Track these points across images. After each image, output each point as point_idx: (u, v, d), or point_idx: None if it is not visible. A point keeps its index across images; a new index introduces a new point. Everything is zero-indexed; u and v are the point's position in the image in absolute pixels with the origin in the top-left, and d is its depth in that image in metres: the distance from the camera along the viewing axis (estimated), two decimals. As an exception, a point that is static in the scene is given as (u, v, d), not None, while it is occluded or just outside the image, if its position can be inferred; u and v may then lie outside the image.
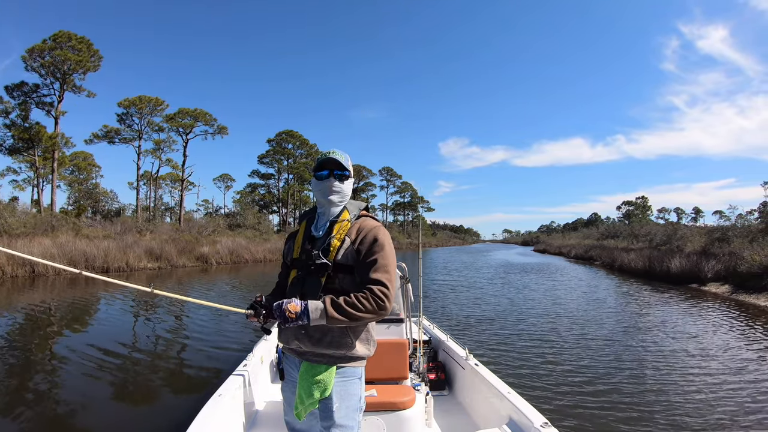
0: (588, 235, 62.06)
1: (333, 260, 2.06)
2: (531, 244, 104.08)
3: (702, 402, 5.45)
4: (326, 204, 2.19)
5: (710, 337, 9.24)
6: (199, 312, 11.79)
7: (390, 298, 1.98)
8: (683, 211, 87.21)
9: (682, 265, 20.32)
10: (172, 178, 56.08)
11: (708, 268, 18.53)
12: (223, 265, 28.31)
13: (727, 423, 4.85)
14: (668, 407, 5.26)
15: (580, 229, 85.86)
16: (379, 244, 2.06)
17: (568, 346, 8.28)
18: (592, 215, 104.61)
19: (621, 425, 4.77)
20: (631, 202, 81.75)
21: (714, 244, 22.10)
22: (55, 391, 5.94)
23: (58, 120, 33.19)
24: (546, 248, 65.86)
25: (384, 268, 2.02)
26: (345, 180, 2.20)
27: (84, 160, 49.37)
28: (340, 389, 2.05)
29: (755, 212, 32.10)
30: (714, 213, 65.51)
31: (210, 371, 6.76)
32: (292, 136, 60.50)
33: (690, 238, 26.73)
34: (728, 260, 18.02)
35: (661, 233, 31.68)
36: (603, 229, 60.16)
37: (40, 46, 31.45)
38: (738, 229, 23.80)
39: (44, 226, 24.71)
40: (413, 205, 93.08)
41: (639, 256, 26.11)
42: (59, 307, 12.40)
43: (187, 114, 43.45)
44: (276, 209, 62.85)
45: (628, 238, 40.42)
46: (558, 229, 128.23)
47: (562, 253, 51.75)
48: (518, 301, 14.05)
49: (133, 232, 30.68)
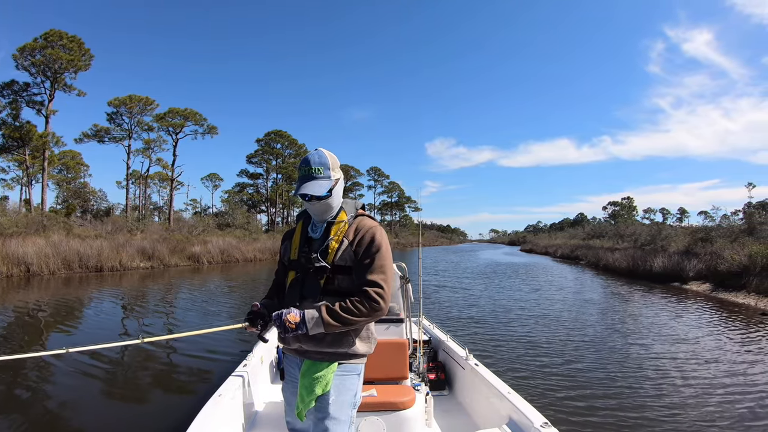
0: (574, 235, 62.23)
1: (331, 262, 2.08)
2: (518, 244, 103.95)
3: (699, 400, 5.53)
4: (317, 217, 2.20)
5: (704, 338, 9.32)
6: (192, 312, 12.01)
7: (386, 299, 2.01)
8: (669, 211, 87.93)
9: (664, 264, 20.78)
10: (161, 177, 55.92)
11: (690, 267, 18.97)
12: (215, 265, 28.43)
13: (728, 422, 4.91)
14: (667, 406, 5.32)
15: (566, 229, 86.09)
16: (375, 244, 2.08)
17: (558, 347, 8.28)
18: (578, 215, 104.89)
19: (621, 425, 4.80)
20: (617, 202, 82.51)
21: (697, 244, 22.37)
22: (49, 391, 5.87)
23: (48, 119, 33.01)
24: (532, 248, 65.95)
25: (380, 269, 2.04)
26: (329, 197, 2.12)
27: (72, 159, 48.94)
28: (338, 383, 2.08)
29: (739, 212, 32.75)
30: (699, 213, 66.43)
31: (210, 371, 6.69)
32: (280, 135, 60.54)
33: (674, 237, 27.02)
34: (709, 260, 18.42)
35: (646, 233, 31.84)
36: (589, 229, 60.34)
37: (31, 45, 31.26)
38: (721, 230, 24.15)
39: (35, 226, 24.70)
40: (400, 205, 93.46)
41: (623, 256, 26.48)
42: (54, 306, 12.45)
43: (177, 113, 43.35)
44: (264, 209, 62.86)
45: (614, 238, 40.56)
46: (545, 229, 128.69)
47: (549, 253, 52.03)
48: (505, 302, 14.01)
49: (124, 231, 30.71)
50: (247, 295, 15.37)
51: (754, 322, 10.94)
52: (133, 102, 40.45)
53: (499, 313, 11.93)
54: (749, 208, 31.33)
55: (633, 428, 4.75)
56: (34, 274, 18.56)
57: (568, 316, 11.64)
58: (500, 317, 11.39)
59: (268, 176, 61.95)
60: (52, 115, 33.25)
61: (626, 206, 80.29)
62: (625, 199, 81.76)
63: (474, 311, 12.17)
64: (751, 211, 28.60)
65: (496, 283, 20.47)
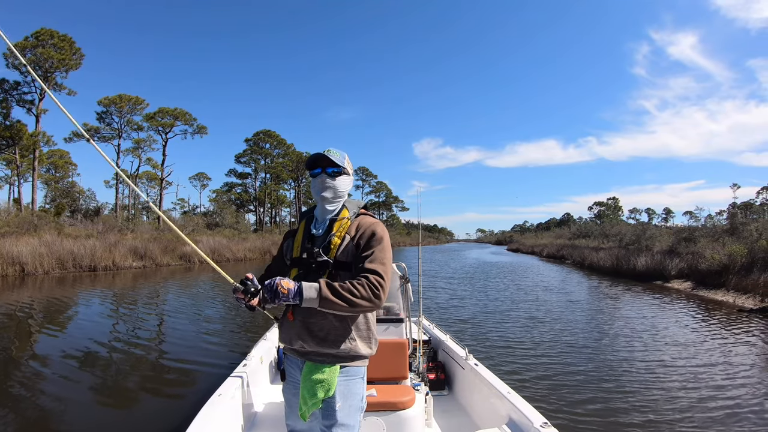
0: (560, 235, 62.77)
1: (334, 258, 2.08)
2: (504, 244, 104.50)
3: (697, 399, 5.59)
4: (320, 201, 2.20)
5: (691, 336, 9.56)
6: (193, 311, 12.30)
7: (384, 289, 1.99)
8: (654, 211, 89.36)
9: (647, 263, 21.40)
10: (149, 177, 55.72)
11: (672, 266, 19.58)
12: (206, 264, 28.46)
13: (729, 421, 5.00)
14: (666, 405, 5.38)
15: (552, 229, 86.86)
16: (376, 238, 2.08)
17: (549, 347, 8.35)
18: (564, 215, 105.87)
19: (620, 424, 4.85)
20: (603, 202, 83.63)
21: (681, 244, 22.86)
22: (49, 391, 5.81)
23: (39, 118, 32.85)
24: (519, 247, 66.77)
25: (380, 260, 2.03)
26: (337, 176, 2.18)
27: (61, 158, 48.63)
28: (343, 388, 2.05)
29: (724, 213, 33.38)
30: (684, 213, 67.56)
31: (210, 371, 6.62)
32: (269, 135, 60.75)
33: (658, 237, 27.54)
34: (691, 259, 19.02)
35: (631, 233, 32.32)
36: (575, 229, 60.77)
37: (22, 44, 31.07)
38: (704, 230, 24.66)
39: (27, 225, 24.70)
40: (388, 204, 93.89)
41: (608, 255, 27.07)
42: (50, 305, 12.52)
43: (167, 113, 43.38)
44: (252, 208, 62.95)
45: (599, 238, 41.08)
46: (531, 228, 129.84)
47: (535, 252, 52.64)
48: (493, 303, 13.81)
49: (115, 231, 30.70)
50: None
51: (735, 319, 11.51)
52: (123, 101, 40.39)
53: (487, 312, 12.05)
54: (734, 209, 32.06)
55: (632, 428, 4.79)
56: (28, 274, 18.63)
57: (554, 316, 11.64)
58: (489, 316, 11.47)
59: (256, 176, 62.13)
60: (43, 114, 33.14)
61: (611, 206, 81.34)
62: (611, 200, 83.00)
63: (464, 313, 12.12)
64: (734, 211, 29.26)
65: (483, 282, 20.72)
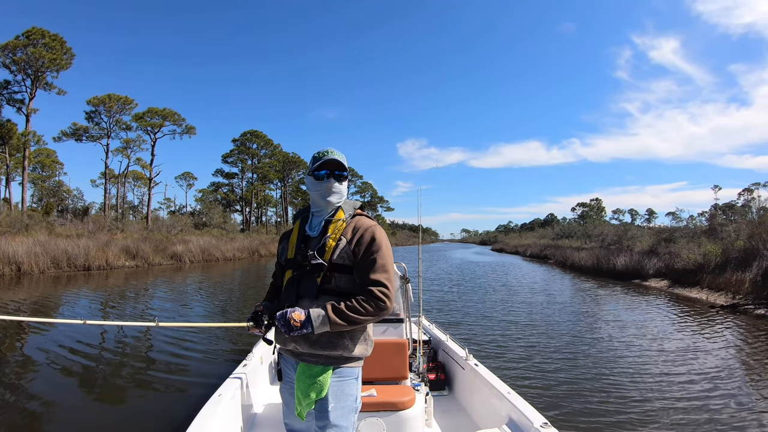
0: (544, 235, 63.43)
1: (329, 260, 2.04)
2: (489, 244, 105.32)
3: (697, 398, 5.63)
4: (324, 205, 2.17)
5: (673, 333, 9.84)
6: (192, 311, 12.68)
7: (391, 298, 1.99)
8: (637, 212, 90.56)
9: (626, 262, 22.22)
10: (135, 176, 55.75)
11: (650, 265, 20.39)
12: (196, 263, 28.81)
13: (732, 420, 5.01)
14: (666, 405, 5.41)
15: (536, 229, 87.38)
16: (376, 243, 2.05)
17: (541, 346, 8.44)
18: (548, 216, 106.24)
19: (620, 424, 4.85)
20: (586, 203, 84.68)
21: (661, 244, 23.51)
22: (48, 391, 5.79)
23: (29, 117, 32.78)
24: (503, 247, 67.64)
25: (383, 268, 2.01)
26: (344, 180, 2.18)
27: (47, 157, 48.30)
28: (336, 389, 2.04)
29: (706, 214, 33.95)
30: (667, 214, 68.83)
31: (209, 371, 6.61)
32: (256, 136, 61.04)
33: (640, 237, 28.26)
34: (668, 258, 19.82)
35: (613, 233, 33.20)
36: (558, 230, 61.69)
37: (13, 43, 30.93)
38: (683, 230, 25.31)
39: (18, 225, 24.82)
40: (373, 204, 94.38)
41: (589, 255, 27.82)
42: (51, 304, 12.72)
43: (156, 113, 43.42)
44: (239, 208, 63.10)
45: (582, 238, 41.82)
46: (515, 229, 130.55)
47: (519, 252, 53.35)
48: (480, 305, 13.47)
49: (105, 230, 30.85)
50: (246, 293, 15.96)
51: (710, 315, 12.25)
52: (112, 101, 40.30)
53: (468, 314, 11.98)
54: (715, 210, 32.94)
55: (632, 427, 4.80)
56: (24, 273, 18.81)
57: (535, 318, 11.43)
58: (470, 317, 11.44)
59: (243, 176, 62.27)
60: (33, 113, 33.08)
61: (594, 207, 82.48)
62: (594, 201, 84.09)
63: (454, 315, 11.90)
64: (715, 213, 30.10)
65: (467, 281, 21.11)
